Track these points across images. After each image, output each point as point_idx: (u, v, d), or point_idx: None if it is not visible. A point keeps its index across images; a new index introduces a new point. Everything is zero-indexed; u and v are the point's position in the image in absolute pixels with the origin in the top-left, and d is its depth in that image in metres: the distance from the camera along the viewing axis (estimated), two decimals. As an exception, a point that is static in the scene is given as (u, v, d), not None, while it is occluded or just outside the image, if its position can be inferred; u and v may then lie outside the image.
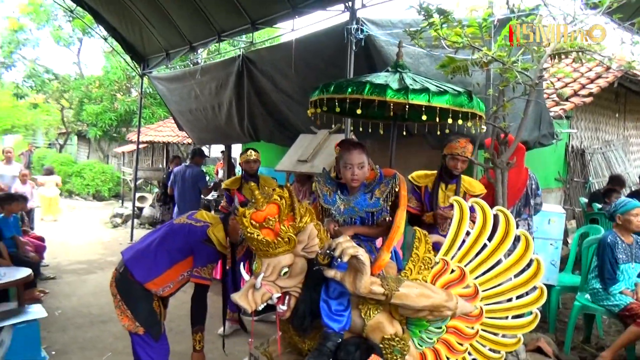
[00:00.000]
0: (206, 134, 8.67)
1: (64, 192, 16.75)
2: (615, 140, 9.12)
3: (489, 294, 2.48)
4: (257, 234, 2.04)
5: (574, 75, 7.36)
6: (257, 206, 2.08)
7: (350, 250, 2.01)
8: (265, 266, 2.10)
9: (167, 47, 7.91)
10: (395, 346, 2.23)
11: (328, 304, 2.22)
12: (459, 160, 3.46)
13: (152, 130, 13.90)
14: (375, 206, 2.56)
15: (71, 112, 18.69)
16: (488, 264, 2.46)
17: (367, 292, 2.11)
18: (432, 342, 2.45)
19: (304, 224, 2.15)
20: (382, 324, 2.25)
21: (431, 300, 2.23)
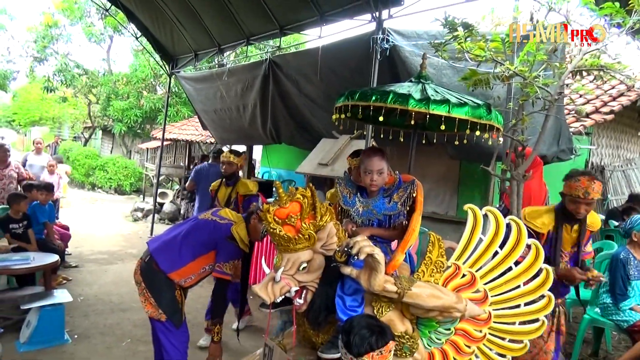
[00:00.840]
0: (229, 134, 8.86)
1: (87, 185, 17.18)
2: (637, 159, 9.06)
3: (498, 300, 2.57)
4: (279, 230, 2.17)
5: (597, 93, 7.37)
6: (280, 203, 2.20)
7: (367, 249, 2.11)
8: (285, 261, 2.22)
9: (196, 48, 8.14)
10: (405, 344, 2.32)
11: (343, 299, 2.34)
12: (581, 203, 2.88)
13: (176, 128, 14.18)
14: (392, 210, 2.66)
15: (98, 107, 19.14)
16: (498, 270, 2.55)
17: (381, 290, 2.21)
18: (440, 343, 2.53)
19: (324, 223, 2.26)
20: (394, 321, 2.34)
21: (441, 301, 2.33)
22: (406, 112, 2.74)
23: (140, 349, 4.22)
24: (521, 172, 3.65)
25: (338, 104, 2.95)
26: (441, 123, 2.67)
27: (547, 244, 2.98)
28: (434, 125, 3.08)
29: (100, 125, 20.66)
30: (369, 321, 2.04)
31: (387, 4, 4.72)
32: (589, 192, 2.83)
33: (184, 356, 3.29)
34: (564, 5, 4.15)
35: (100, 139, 23.29)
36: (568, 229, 3.00)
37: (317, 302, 2.35)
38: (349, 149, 5.09)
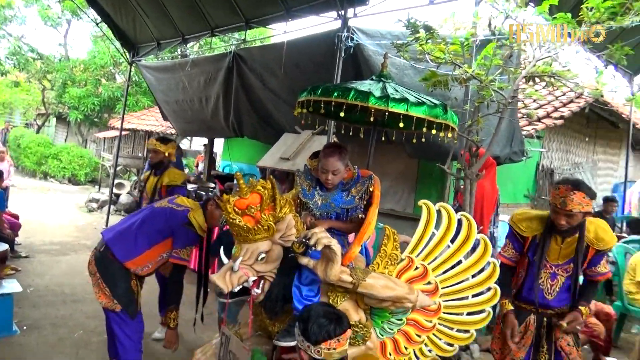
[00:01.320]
0: (190, 125, 8.75)
1: (39, 174, 16.55)
2: (584, 163, 9.53)
3: (448, 291, 2.70)
4: (238, 220, 2.20)
5: (549, 98, 7.71)
6: (240, 194, 2.23)
7: (324, 240, 2.19)
8: (244, 251, 2.25)
9: (158, 37, 7.98)
10: (359, 332, 2.42)
11: (300, 289, 2.40)
12: (559, 213, 2.62)
13: (135, 118, 13.87)
14: (350, 203, 2.72)
15: (52, 94, 18.44)
16: (449, 263, 2.68)
17: (337, 280, 2.29)
18: (392, 333, 2.65)
19: (284, 214, 2.30)
20: (348, 311, 2.41)
21: (394, 292, 2.43)
22: (367, 109, 2.82)
23: (93, 340, 4.15)
24: (474, 171, 3.80)
25: (300, 99, 3.00)
26: (400, 121, 2.75)
27: (530, 249, 2.87)
28: (392, 123, 3.17)
29: (55, 113, 19.92)
30: (326, 309, 2.10)
31: (352, 3, 4.80)
32: (566, 203, 2.55)
33: (138, 347, 3.27)
34: (520, 13, 4.35)
35: (54, 126, 22.45)
36: (558, 240, 2.75)
37: (274, 292, 2.40)
38: (311, 144, 5.15)
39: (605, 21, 3.64)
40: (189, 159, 15.19)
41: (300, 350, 2.07)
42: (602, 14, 3.58)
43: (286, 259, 2.40)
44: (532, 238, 2.84)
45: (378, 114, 2.88)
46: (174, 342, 3.28)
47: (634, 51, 4.63)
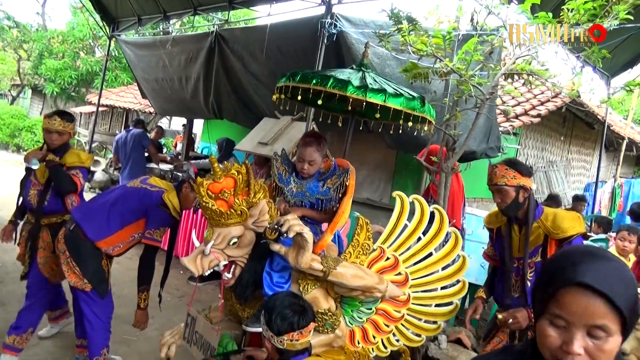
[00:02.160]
0: (170, 105, 8.62)
1: (12, 146, 16.13)
2: (559, 162, 9.72)
3: (418, 283, 2.75)
4: (211, 204, 2.19)
5: (527, 96, 7.82)
6: (214, 178, 2.22)
7: (296, 227, 2.20)
8: (216, 235, 2.26)
9: (140, 12, 7.81)
10: (328, 320, 2.44)
11: (271, 275, 2.42)
12: (493, 191, 2.63)
13: (114, 94, 13.60)
14: (325, 194, 2.72)
15: (28, 64, 17.91)
16: (420, 255, 2.72)
17: (307, 268, 2.31)
18: (361, 322, 2.68)
19: (257, 200, 2.31)
20: (318, 299, 2.45)
21: (364, 282, 2.46)
22: (346, 98, 2.81)
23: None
24: (450, 165, 3.85)
25: (279, 84, 2.98)
26: (377, 111, 2.76)
27: (496, 243, 2.86)
28: (370, 113, 3.18)
29: (30, 84, 19.37)
30: (291, 300, 2.10)
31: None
32: (491, 178, 2.60)
33: (107, 327, 3.24)
34: (502, 9, 4.37)
35: (29, 98, 21.83)
36: (515, 230, 2.67)
37: (245, 277, 2.41)
38: (290, 129, 5.13)
39: (584, 23, 3.69)
40: (167, 139, 14.98)
41: (265, 339, 2.09)
42: (582, 16, 3.62)
43: (258, 245, 2.40)
44: (496, 231, 2.82)
45: (356, 103, 2.88)
46: (144, 322, 3.27)
47: (610, 54, 4.72)
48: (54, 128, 3.50)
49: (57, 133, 3.52)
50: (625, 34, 4.82)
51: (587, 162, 11.51)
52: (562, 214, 2.62)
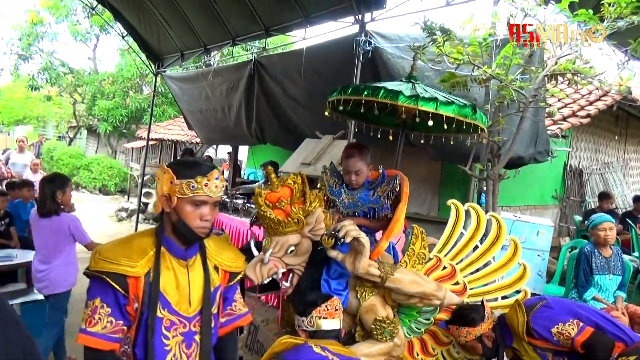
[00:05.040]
0: (214, 134, 8.89)
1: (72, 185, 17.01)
2: (615, 163, 9.27)
3: (477, 292, 2.70)
4: (269, 213, 2.27)
5: (574, 97, 7.54)
6: (272, 188, 2.31)
7: (353, 232, 2.25)
8: (274, 243, 2.32)
9: (182, 48, 8.16)
10: (386, 328, 2.44)
11: (328, 282, 2.47)
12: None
13: (162, 128, 14.16)
14: (376, 202, 2.70)
15: (83, 107, 18.98)
16: (478, 264, 2.69)
17: (365, 273, 2.33)
18: (420, 332, 2.67)
19: (313, 208, 2.36)
20: (376, 306, 2.46)
21: (422, 288, 2.44)
22: (394, 112, 2.80)
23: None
24: (497, 172, 3.76)
25: (331, 98, 2.97)
26: (428, 120, 2.71)
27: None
28: (420, 126, 3.16)
29: (85, 125, 20.50)
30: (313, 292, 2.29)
31: (369, 7, 4.81)
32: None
33: None
34: (539, 11, 4.29)
35: (85, 138, 23.08)
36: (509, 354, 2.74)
37: (302, 285, 2.45)
38: (332, 148, 5.17)
39: (627, 16, 3.56)
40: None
41: (300, 330, 2.18)
42: (624, 9, 3.50)
43: (315, 253, 2.45)
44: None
45: (407, 114, 2.87)
46: None
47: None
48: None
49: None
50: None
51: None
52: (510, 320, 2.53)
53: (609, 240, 3.81)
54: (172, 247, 1.71)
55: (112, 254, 1.64)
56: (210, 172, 1.65)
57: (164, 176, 1.66)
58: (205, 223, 1.68)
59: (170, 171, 1.64)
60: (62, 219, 3.69)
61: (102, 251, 1.66)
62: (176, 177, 1.63)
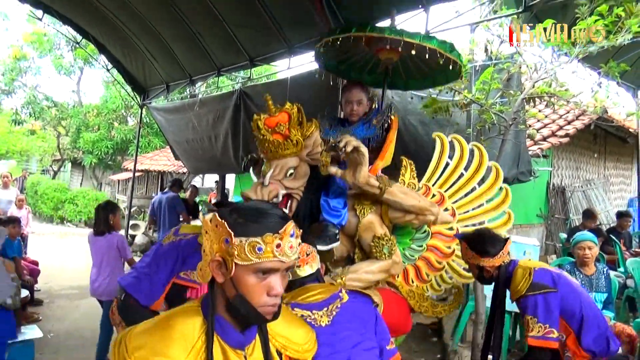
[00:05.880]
0: (201, 163, 8.91)
1: (56, 219, 16.80)
2: (596, 179, 9.47)
3: (465, 217, 2.84)
4: (268, 136, 2.36)
5: (553, 117, 7.74)
6: (270, 113, 2.39)
7: (353, 142, 2.34)
8: (273, 167, 2.39)
9: (167, 80, 8.23)
10: (385, 245, 2.52)
11: (327, 202, 2.53)
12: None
13: (148, 159, 14.13)
14: (371, 133, 2.80)
15: (67, 140, 18.89)
16: (464, 190, 2.84)
17: (365, 183, 2.41)
18: (414, 259, 2.77)
19: (310, 133, 2.45)
20: (374, 224, 2.55)
21: (418, 202, 2.56)
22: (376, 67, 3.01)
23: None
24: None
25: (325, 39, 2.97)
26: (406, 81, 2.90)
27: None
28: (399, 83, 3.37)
29: (70, 158, 20.35)
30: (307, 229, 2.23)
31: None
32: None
33: None
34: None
35: (69, 171, 22.88)
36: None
37: (301, 211, 2.52)
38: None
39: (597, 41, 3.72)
40: (202, 197, 15.35)
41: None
42: (594, 34, 3.66)
43: (313, 179, 2.52)
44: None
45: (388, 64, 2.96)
46: None
47: (632, 67, 4.70)
48: None
49: None
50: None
51: (627, 177, 11.17)
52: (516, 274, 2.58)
53: (587, 259, 3.84)
54: (227, 332, 1.24)
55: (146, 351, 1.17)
56: (284, 226, 1.19)
57: (216, 232, 1.22)
58: (274, 300, 1.21)
59: (226, 225, 1.19)
60: (112, 237, 4.48)
61: (130, 341, 1.22)
62: (234, 233, 1.17)
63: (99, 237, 4.49)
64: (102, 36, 8.10)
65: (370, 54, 3.07)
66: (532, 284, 2.50)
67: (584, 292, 2.61)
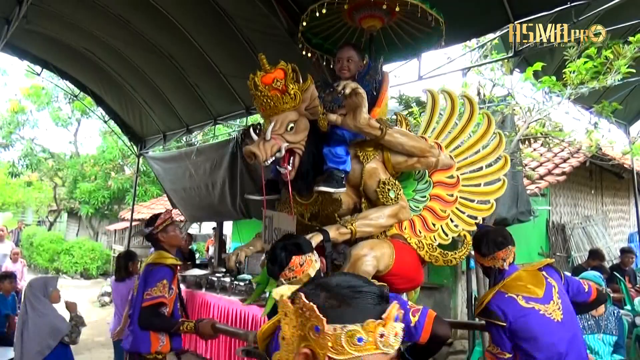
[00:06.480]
0: (199, 211, 8.87)
1: (52, 271, 16.54)
2: (595, 215, 9.45)
3: (463, 164, 2.87)
4: (266, 92, 2.38)
5: (548, 155, 7.81)
6: (265, 70, 2.40)
7: (352, 84, 2.35)
8: (274, 122, 2.39)
9: (164, 129, 8.31)
10: (391, 188, 2.53)
11: (330, 151, 2.51)
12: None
13: (145, 207, 14.08)
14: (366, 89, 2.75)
15: (64, 190, 18.86)
16: (459, 139, 2.88)
17: (366, 125, 2.41)
18: (418, 210, 2.78)
19: (307, 86, 2.46)
20: (377, 169, 2.57)
21: (419, 144, 2.60)
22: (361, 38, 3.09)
23: None
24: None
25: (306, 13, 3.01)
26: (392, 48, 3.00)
27: None
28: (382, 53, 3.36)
29: (66, 208, 20.28)
30: (287, 242, 2.06)
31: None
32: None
33: None
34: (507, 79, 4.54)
35: (65, 222, 22.73)
36: None
37: (304, 167, 2.50)
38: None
39: (589, 81, 3.80)
40: (199, 244, 15.21)
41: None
42: (584, 75, 3.74)
43: (313, 134, 2.50)
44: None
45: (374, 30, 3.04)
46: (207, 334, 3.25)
47: (622, 104, 4.78)
48: None
49: None
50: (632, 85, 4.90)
51: (625, 212, 11.16)
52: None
53: None
54: None
55: None
56: (387, 310, 0.95)
57: (303, 317, 0.97)
58: None
59: (316, 309, 0.95)
60: (132, 282, 4.55)
61: None
62: (326, 318, 0.94)
63: (120, 282, 4.90)
64: (99, 89, 8.23)
65: (354, 26, 3.15)
66: (484, 309, 2.56)
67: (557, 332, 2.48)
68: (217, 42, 5.92)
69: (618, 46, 3.50)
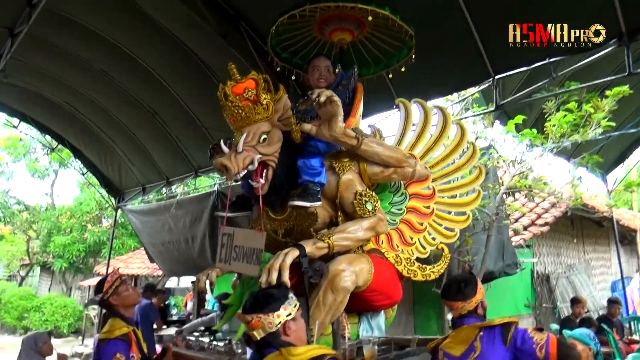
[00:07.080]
0: (178, 265, 8.60)
1: (20, 330, 15.73)
2: (578, 264, 9.46)
3: (438, 175, 2.87)
4: (237, 103, 2.29)
5: (530, 205, 7.87)
6: (236, 79, 2.31)
7: (327, 92, 2.31)
8: (245, 133, 2.30)
9: (143, 182, 8.17)
10: (368, 200, 2.46)
11: (305, 163, 2.43)
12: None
13: (121, 262, 13.64)
14: (341, 97, 2.70)
15: (37, 243, 18.26)
16: (434, 150, 2.89)
17: (342, 134, 2.37)
18: (395, 223, 2.73)
19: (279, 96, 2.40)
20: (353, 181, 2.50)
21: (395, 154, 2.57)
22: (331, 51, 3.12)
23: None
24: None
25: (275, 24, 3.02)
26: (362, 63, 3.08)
27: None
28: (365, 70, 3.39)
29: (39, 262, 19.55)
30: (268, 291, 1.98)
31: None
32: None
33: None
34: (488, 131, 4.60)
35: (38, 276, 21.88)
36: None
37: (278, 180, 2.40)
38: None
39: (570, 135, 3.85)
40: (177, 298, 14.70)
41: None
42: (565, 129, 3.80)
43: (286, 146, 2.42)
44: None
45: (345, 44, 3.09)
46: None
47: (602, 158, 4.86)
48: None
49: None
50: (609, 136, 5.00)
51: (606, 260, 11.22)
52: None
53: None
54: None
55: None
56: None
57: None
58: None
59: None
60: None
61: None
62: None
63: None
64: (78, 141, 8.12)
65: (324, 40, 3.15)
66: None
67: None
68: (199, 96, 5.93)
69: (596, 99, 3.57)
